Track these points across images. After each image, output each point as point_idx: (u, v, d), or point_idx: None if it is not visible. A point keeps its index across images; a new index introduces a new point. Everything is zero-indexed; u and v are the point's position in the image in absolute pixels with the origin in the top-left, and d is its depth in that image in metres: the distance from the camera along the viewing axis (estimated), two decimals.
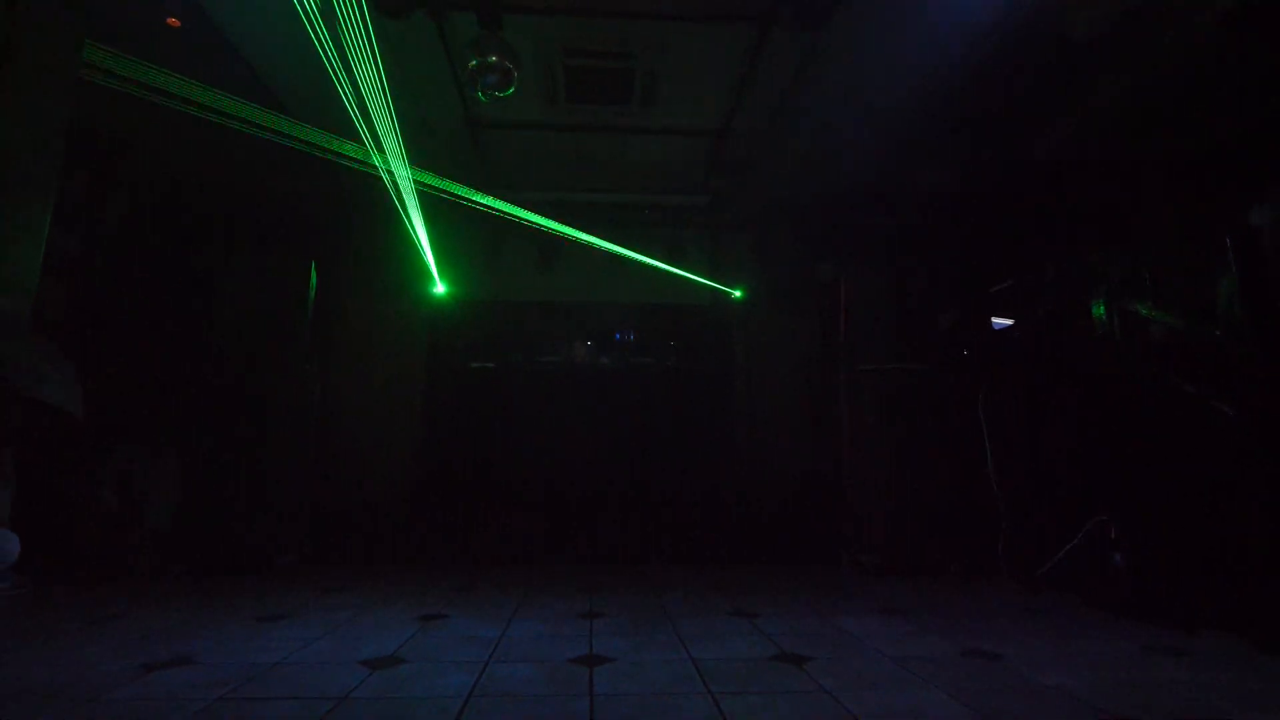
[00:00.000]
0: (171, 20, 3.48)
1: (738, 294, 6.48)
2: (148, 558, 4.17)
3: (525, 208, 6.26)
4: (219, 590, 3.83)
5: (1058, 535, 3.87)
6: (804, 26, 3.60)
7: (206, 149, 5.02)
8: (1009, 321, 4.81)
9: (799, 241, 6.58)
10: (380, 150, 5.19)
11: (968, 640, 2.81)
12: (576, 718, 1.90)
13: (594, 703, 2.02)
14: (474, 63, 3.72)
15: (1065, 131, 4.41)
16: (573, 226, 6.44)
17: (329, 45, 3.82)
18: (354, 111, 4.60)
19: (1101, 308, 3.62)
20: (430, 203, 6.24)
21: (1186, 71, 3.37)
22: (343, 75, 4.13)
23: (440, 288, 6.29)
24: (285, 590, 3.87)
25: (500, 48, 3.72)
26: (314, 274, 5.03)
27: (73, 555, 4.13)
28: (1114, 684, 2.23)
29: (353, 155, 5.32)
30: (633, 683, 2.22)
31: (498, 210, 6.31)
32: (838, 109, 4.47)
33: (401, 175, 5.69)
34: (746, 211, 6.62)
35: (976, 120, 4.53)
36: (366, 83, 4.26)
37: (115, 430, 4.40)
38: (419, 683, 2.21)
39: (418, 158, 5.47)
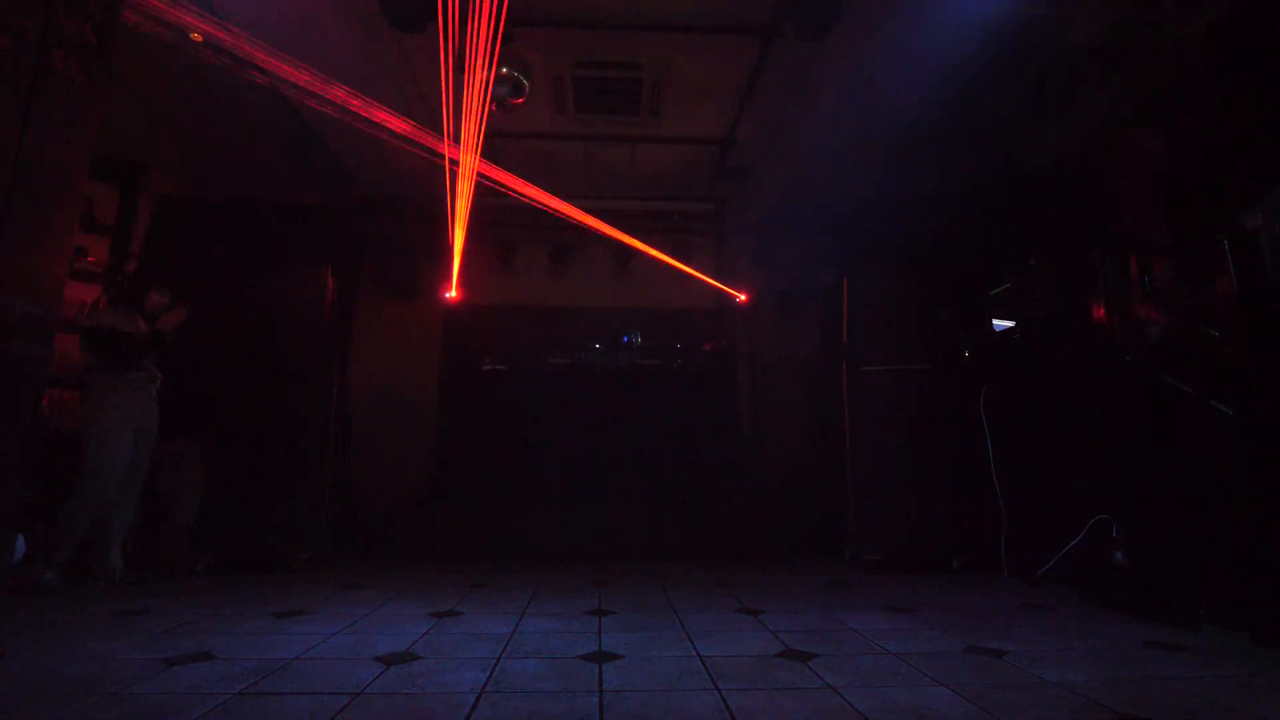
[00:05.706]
0: (195, 35, 3.56)
1: (742, 298, 6.54)
2: (174, 555, 4.27)
3: (536, 215, 6.35)
4: (240, 587, 3.89)
5: (1058, 534, 3.89)
6: (805, 37, 3.66)
7: (228, 162, 5.15)
8: (1009, 323, 4.84)
9: (801, 246, 6.64)
10: (396, 159, 5.29)
11: (971, 637, 2.84)
12: (586, 713, 1.92)
13: (603, 699, 2.05)
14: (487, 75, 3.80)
15: (1061, 138, 4.44)
16: (583, 233, 6.53)
17: (348, 59, 3.91)
18: (371, 123, 4.70)
19: (1100, 310, 3.64)
20: (444, 210, 6.33)
21: (1177, 80, 3.41)
22: (362, 89, 4.23)
23: (453, 293, 6.39)
24: (303, 587, 3.92)
25: (512, 60, 3.80)
26: (330, 279, 5.12)
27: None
28: (1118, 680, 2.26)
29: (370, 165, 5.42)
30: (641, 679, 2.25)
31: (510, 218, 6.40)
32: (837, 118, 4.54)
33: (416, 184, 5.78)
34: (751, 217, 6.69)
35: (973, 128, 4.58)
36: (384, 96, 4.36)
37: None
38: (432, 679, 2.24)
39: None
